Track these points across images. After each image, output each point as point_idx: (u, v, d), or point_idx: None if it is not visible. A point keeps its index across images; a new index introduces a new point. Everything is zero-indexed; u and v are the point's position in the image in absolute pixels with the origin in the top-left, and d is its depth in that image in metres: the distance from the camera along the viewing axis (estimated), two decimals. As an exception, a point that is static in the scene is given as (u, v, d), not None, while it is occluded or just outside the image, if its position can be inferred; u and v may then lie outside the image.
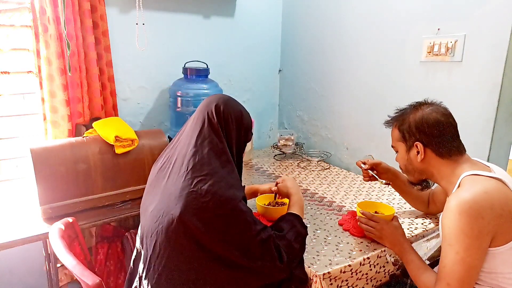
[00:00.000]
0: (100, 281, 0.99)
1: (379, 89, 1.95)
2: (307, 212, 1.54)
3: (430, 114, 1.15)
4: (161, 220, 1.03)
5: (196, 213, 0.99)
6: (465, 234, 0.98)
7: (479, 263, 1.00)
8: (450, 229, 1.00)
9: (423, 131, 1.15)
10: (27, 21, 1.70)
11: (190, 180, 1.03)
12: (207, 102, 1.19)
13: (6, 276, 1.85)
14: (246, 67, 2.46)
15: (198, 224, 0.98)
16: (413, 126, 1.17)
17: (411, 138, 1.18)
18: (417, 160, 1.18)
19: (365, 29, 1.98)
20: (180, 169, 1.07)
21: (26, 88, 1.80)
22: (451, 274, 1.00)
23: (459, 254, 0.98)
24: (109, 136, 1.62)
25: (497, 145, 1.55)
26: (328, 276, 1.13)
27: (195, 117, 1.17)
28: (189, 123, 1.18)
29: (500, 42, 1.44)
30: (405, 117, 1.20)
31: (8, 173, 1.83)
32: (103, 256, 1.84)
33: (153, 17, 2.03)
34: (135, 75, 2.05)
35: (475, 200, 0.99)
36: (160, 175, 1.14)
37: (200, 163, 1.06)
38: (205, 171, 1.04)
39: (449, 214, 1.01)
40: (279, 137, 2.32)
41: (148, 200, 1.15)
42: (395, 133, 1.24)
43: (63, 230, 1.23)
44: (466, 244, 0.98)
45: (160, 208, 1.06)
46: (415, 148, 1.17)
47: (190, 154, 1.07)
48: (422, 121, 1.15)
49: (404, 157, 1.23)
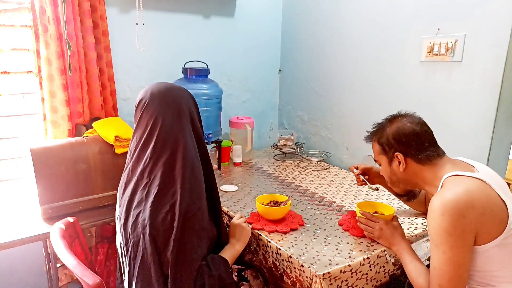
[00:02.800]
0: (100, 281, 0.99)
1: (379, 89, 1.95)
2: (307, 212, 1.54)
3: (405, 124, 1.19)
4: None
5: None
6: (448, 233, 0.99)
7: (466, 261, 1.01)
8: (435, 229, 1.02)
9: (401, 141, 1.19)
10: (27, 21, 1.69)
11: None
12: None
13: (6, 276, 1.85)
14: (246, 67, 2.46)
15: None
16: (391, 138, 1.21)
17: (390, 150, 1.21)
18: (400, 170, 1.21)
19: (365, 29, 1.98)
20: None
21: (26, 88, 1.79)
22: (441, 275, 1.01)
23: (446, 253, 1.00)
24: (109, 136, 1.62)
25: (497, 145, 1.55)
26: (328, 276, 1.13)
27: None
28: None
29: (500, 42, 1.44)
30: (383, 131, 1.24)
31: (8, 173, 1.82)
32: (103, 256, 1.84)
33: (153, 17, 2.02)
34: (135, 75, 2.05)
35: (457, 199, 1.00)
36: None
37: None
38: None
39: (432, 214, 1.03)
40: (279, 137, 2.32)
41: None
42: (376, 147, 1.28)
43: (64, 230, 1.23)
44: (451, 243, 1.00)
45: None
46: (396, 159, 1.20)
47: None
48: (398, 132, 1.19)
49: (387, 169, 1.26)
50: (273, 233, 1.35)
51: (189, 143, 1.15)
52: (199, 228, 1.11)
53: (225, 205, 1.59)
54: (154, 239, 1.05)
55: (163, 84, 1.21)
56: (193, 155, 1.15)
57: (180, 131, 1.13)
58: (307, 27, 2.35)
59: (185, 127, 1.15)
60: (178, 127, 1.13)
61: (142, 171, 1.11)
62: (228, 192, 1.75)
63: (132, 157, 1.16)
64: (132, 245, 1.08)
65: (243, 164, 2.19)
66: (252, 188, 1.80)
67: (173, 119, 1.14)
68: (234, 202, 1.63)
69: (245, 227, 1.32)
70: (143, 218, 1.06)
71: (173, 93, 1.18)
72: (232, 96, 2.44)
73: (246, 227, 1.33)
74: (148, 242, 1.05)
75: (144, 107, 1.15)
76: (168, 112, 1.14)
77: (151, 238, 1.05)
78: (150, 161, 1.11)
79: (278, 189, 1.80)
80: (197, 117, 1.23)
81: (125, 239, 1.11)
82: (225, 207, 1.57)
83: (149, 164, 1.11)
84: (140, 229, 1.06)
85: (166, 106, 1.14)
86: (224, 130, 2.31)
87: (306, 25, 2.35)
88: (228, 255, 1.24)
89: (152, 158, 1.11)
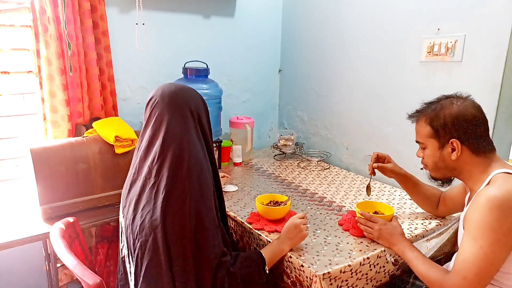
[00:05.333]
0: (100, 281, 0.99)
1: (379, 89, 1.95)
2: (307, 212, 1.54)
3: (467, 109, 1.09)
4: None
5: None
6: (493, 229, 0.96)
7: (500, 261, 0.99)
8: (478, 223, 0.99)
9: (461, 127, 1.09)
10: (27, 21, 1.69)
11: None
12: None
13: (6, 276, 1.85)
14: (246, 67, 2.46)
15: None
16: (449, 122, 1.10)
17: (446, 134, 1.11)
18: (452, 158, 1.12)
19: (365, 29, 1.98)
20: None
21: (26, 88, 1.79)
22: (470, 268, 0.98)
23: (483, 249, 0.97)
24: (109, 136, 1.62)
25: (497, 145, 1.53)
26: (328, 276, 1.13)
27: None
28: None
29: (500, 42, 1.44)
30: (438, 113, 1.13)
31: (8, 173, 1.82)
32: (103, 256, 1.84)
33: (153, 17, 2.02)
34: (135, 75, 2.05)
35: (508, 197, 0.97)
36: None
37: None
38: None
39: (478, 207, 1.00)
40: (279, 137, 2.32)
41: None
42: (425, 129, 1.16)
43: (64, 230, 1.23)
44: (493, 239, 0.96)
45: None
46: (449, 145, 1.11)
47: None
48: (459, 116, 1.09)
49: (435, 154, 1.16)
50: (273, 233, 1.35)
51: (197, 143, 1.14)
52: (213, 227, 1.10)
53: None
54: (166, 240, 1.04)
55: (174, 85, 1.21)
56: (201, 155, 1.14)
57: (187, 132, 1.13)
58: (307, 27, 2.35)
59: (192, 128, 1.15)
60: (185, 127, 1.13)
61: (150, 169, 1.11)
62: (228, 192, 1.75)
63: (139, 155, 1.16)
64: (140, 245, 1.07)
65: (243, 164, 2.19)
66: (252, 188, 1.81)
67: (181, 119, 1.13)
68: (234, 202, 1.63)
69: (302, 229, 1.24)
70: (154, 218, 1.05)
71: (183, 94, 1.18)
72: (232, 96, 2.44)
73: (304, 231, 1.24)
74: (160, 241, 1.04)
75: (153, 105, 1.16)
76: (176, 112, 1.13)
77: (163, 239, 1.04)
78: (158, 160, 1.10)
79: (278, 189, 1.80)
80: (206, 119, 1.22)
81: (132, 239, 1.10)
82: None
83: (157, 163, 1.10)
84: (150, 229, 1.05)
85: (175, 106, 1.14)
86: (224, 130, 2.31)
87: (306, 25, 2.35)
88: (268, 251, 1.20)
89: (160, 157, 1.10)
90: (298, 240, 1.24)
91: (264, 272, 1.15)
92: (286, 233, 1.24)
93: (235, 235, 1.52)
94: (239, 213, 1.52)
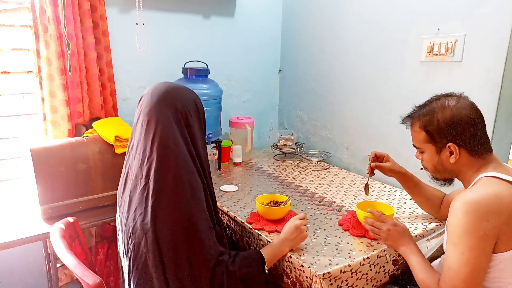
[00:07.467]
0: (100, 281, 0.99)
1: (379, 89, 1.95)
2: (307, 212, 1.54)
3: (460, 111, 1.06)
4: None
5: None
6: (470, 234, 0.95)
7: (484, 265, 0.98)
8: (454, 228, 0.98)
9: (456, 130, 1.06)
10: (27, 21, 1.69)
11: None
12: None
13: (6, 276, 1.85)
14: (246, 67, 2.46)
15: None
16: (443, 127, 1.07)
17: (442, 139, 1.09)
18: (450, 162, 1.09)
19: (365, 29, 1.98)
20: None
21: (26, 88, 1.79)
22: (458, 277, 0.97)
23: (464, 255, 0.96)
24: (109, 136, 1.62)
25: (497, 145, 1.55)
26: (328, 276, 1.13)
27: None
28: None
29: (500, 42, 1.44)
30: (431, 117, 1.10)
31: (8, 173, 1.82)
32: (103, 256, 1.84)
33: (153, 17, 2.02)
34: (135, 75, 2.05)
35: (483, 202, 0.96)
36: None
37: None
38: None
39: (454, 212, 0.99)
40: (279, 137, 2.32)
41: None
42: (420, 135, 1.14)
43: (64, 229, 1.23)
44: (471, 244, 0.95)
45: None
46: (447, 149, 1.09)
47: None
48: (453, 120, 1.06)
49: (433, 158, 1.13)
50: (273, 233, 1.35)
51: (182, 145, 1.12)
52: (206, 228, 1.09)
53: (225, 205, 1.59)
54: (157, 244, 1.04)
55: (166, 84, 1.18)
56: (188, 157, 1.12)
57: (172, 132, 1.11)
58: (307, 27, 2.35)
59: (178, 128, 1.12)
60: (171, 128, 1.11)
61: (140, 170, 1.10)
62: (228, 192, 1.75)
63: (129, 155, 1.16)
64: (133, 246, 1.07)
65: (243, 164, 2.19)
66: (252, 188, 1.80)
67: (167, 119, 1.11)
68: (234, 202, 1.63)
69: (303, 230, 1.23)
70: (145, 222, 1.05)
71: (171, 94, 1.15)
72: (232, 96, 2.44)
73: (304, 232, 1.24)
74: (151, 246, 1.04)
75: (142, 104, 1.15)
76: (162, 113, 1.11)
77: (155, 242, 1.04)
78: (147, 162, 1.09)
79: (278, 189, 1.80)
80: (196, 120, 1.19)
81: (126, 240, 1.11)
82: (225, 207, 1.57)
83: (146, 164, 1.09)
84: (142, 232, 1.05)
85: (161, 106, 1.12)
86: (224, 130, 2.31)
87: (306, 25, 2.35)
88: (268, 251, 1.19)
89: (148, 159, 1.09)
90: (298, 241, 1.24)
91: (263, 272, 1.14)
92: (286, 234, 1.23)
93: (235, 235, 1.52)
94: (239, 213, 1.52)
